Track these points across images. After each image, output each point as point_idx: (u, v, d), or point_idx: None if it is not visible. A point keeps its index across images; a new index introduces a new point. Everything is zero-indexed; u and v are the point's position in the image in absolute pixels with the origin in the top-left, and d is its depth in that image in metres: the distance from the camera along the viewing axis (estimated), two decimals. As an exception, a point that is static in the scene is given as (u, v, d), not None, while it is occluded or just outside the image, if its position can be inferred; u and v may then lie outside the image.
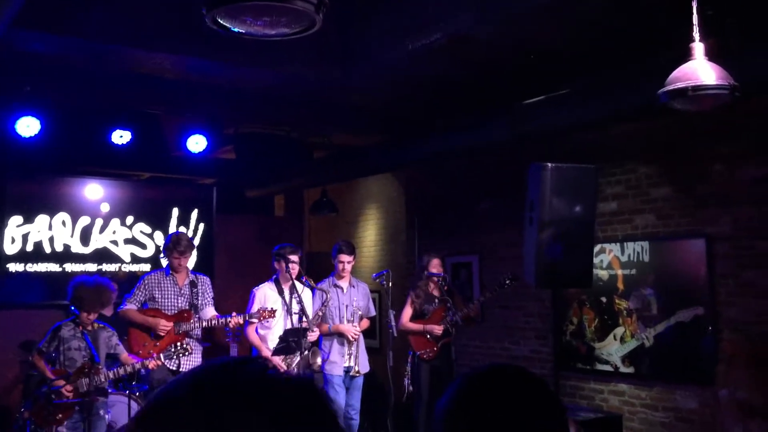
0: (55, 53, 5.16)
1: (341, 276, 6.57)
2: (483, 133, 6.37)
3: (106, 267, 8.36)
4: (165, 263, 6.33)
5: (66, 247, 8.18)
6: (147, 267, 8.39)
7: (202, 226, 9.02)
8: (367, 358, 6.65)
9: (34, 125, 6.74)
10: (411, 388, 6.59)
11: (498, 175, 7.58)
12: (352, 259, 6.61)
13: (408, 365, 6.69)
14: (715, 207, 5.78)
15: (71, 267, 8.13)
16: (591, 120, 5.57)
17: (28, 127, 6.73)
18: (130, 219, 8.58)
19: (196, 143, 7.81)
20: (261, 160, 8.61)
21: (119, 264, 8.49)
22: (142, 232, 8.66)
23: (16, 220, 7.92)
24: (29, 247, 7.97)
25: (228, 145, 8.61)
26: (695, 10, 3.59)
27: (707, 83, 3.49)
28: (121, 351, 5.58)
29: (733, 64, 3.72)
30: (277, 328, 6.11)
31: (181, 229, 8.66)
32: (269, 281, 6.31)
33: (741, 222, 5.61)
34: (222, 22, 2.50)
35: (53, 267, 8.09)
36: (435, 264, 6.69)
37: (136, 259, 8.59)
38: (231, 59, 5.26)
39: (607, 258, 6.54)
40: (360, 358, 6.46)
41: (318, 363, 6.10)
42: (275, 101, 6.74)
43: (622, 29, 4.86)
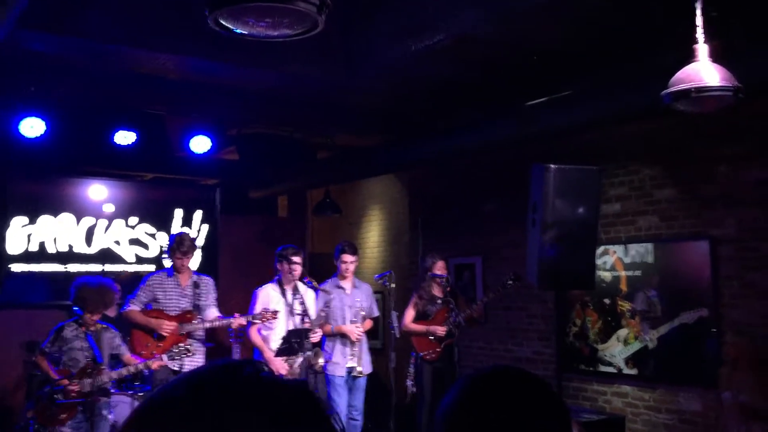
0: (59, 54, 5.18)
1: (344, 277, 6.56)
2: (486, 134, 6.36)
3: (109, 267, 8.36)
4: (168, 264, 6.33)
5: (70, 248, 8.19)
6: (150, 267, 8.39)
7: (205, 226, 9.02)
8: (370, 358, 6.64)
9: (38, 126, 6.76)
10: (414, 389, 6.58)
11: (501, 176, 7.57)
12: (355, 260, 6.61)
13: (411, 366, 6.68)
14: (719, 208, 5.76)
15: (75, 267, 8.14)
16: (595, 121, 5.57)
17: (32, 128, 6.75)
18: (133, 219, 8.59)
19: (199, 144, 7.83)
20: (264, 160, 8.63)
21: (123, 264, 8.50)
22: (145, 232, 8.67)
23: (20, 220, 7.94)
24: (33, 248, 7.97)
25: (231, 146, 8.62)
26: (699, 11, 3.59)
27: (711, 85, 3.48)
28: (124, 351, 5.58)
29: (737, 65, 3.72)
30: (280, 328, 6.11)
31: (185, 230, 8.65)
32: (272, 282, 6.31)
33: (745, 223, 5.59)
34: (224, 23, 2.50)
35: (57, 267, 8.10)
36: (439, 266, 6.68)
37: (139, 260, 8.60)
38: (234, 60, 5.26)
39: (611, 259, 6.53)
40: (363, 359, 6.46)
41: (320, 363, 6.09)
42: (278, 102, 6.74)
43: (625, 30, 4.86)
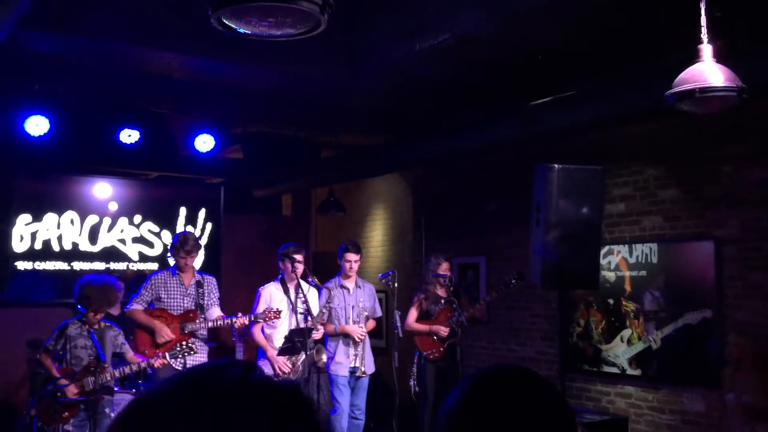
0: (63, 53, 5.19)
1: (348, 276, 6.56)
2: (490, 134, 6.35)
3: (113, 266, 8.38)
4: (172, 262, 6.34)
5: (74, 246, 8.20)
6: (154, 266, 8.40)
7: (209, 225, 9.03)
8: (373, 358, 6.65)
9: (42, 124, 6.78)
10: (416, 388, 6.58)
11: (505, 176, 7.56)
12: (358, 259, 6.61)
13: (414, 366, 6.69)
14: (723, 209, 5.75)
15: (79, 265, 8.16)
16: (598, 121, 5.56)
17: (37, 126, 6.77)
18: (137, 218, 8.60)
19: (203, 143, 7.84)
20: (268, 159, 8.64)
21: (127, 263, 8.51)
22: (149, 231, 8.68)
23: (24, 218, 7.95)
24: (38, 246, 7.99)
25: (235, 145, 8.64)
26: (703, 11, 3.57)
27: (715, 85, 3.47)
28: (127, 350, 5.60)
29: (742, 66, 3.70)
30: (283, 327, 6.12)
31: (189, 229, 8.67)
32: (275, 281, 6.32)
33: (749, 224, 5.58)
34: (227, 22, 2.50)
35: (61, 265, 8.12)
36: (444, 268, 6.67)
37: (143, 258, 8.61)
38: (238, 59, 5.27)
39: (615, 260, 6.51)
40: (366, 358, 6.46)
41: (323, 360, 6.10)
42: (282, 101, 6.75)
43: (629, 30, 4.85)
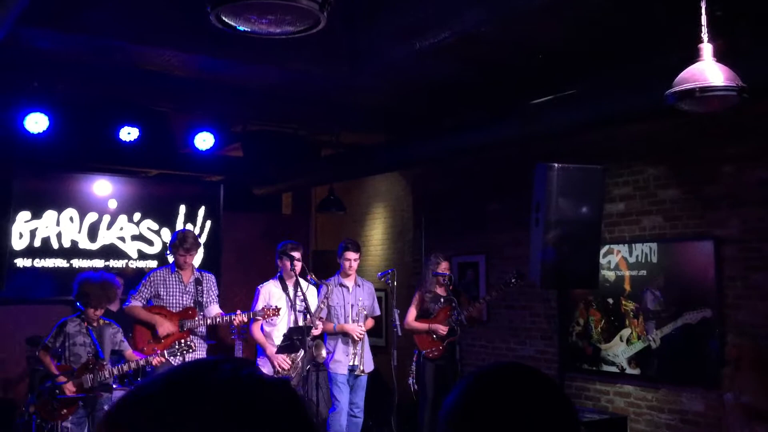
0: (63, 50, 5.18)
1: (347, 274, 6.57)
2: (490, 133, 6.35)
3: (113, 263, 8.38)
4: (171, 260, 6.34)
5: (73, 243, 8.20)
6: (154, 264, 8.40)
7: (209, 223, 9.03)
8: (372, 357, 6.65)
9: (42, 121, 6.77)
10: (415, 386, 6.59)
11: (505, 175, 7.55)
12: (357, 257, 6.61)
13: (413, 364, 6.69)
14: (723, 209, 5.74)
15: (78, 263, 8.16)
16: (599, 120, 5.55)
17: (36, 124, 6.76)
18: (137, 215, 8.59)
19: (203, 140, 7.83)
20: (268, 157, 8.62)
21: (126, 260, 8.51)
22: (149, 228, 8.68)
23: (24, 215, 7.95)
24: (37, 243, 7.99)
25: (235, 143, 8.63)
26: (704, 10, 3.57)
27: (715, 84, 3.46)
28: (126, 347, 5.59)
29: (742, 65, 3.70)
30: (282, 325, 6.14)
31: (188, 226, 8.67)
32: (273, 279, 6.33)
33: (749, 224, 5.57)
34: (226, 20, 2.49)
35: (60, 263, 8.12)
36: (443, 266, 6.68)
37: (143, 256, 8.61)
38: (239, 57, 5.26)
39: (615, 259, 6.51)
40: (365, 357, 6.47)
41: (323, 355, 6.10)
42: (282, 99, 6.74)
43: (629, 29, 4.84)
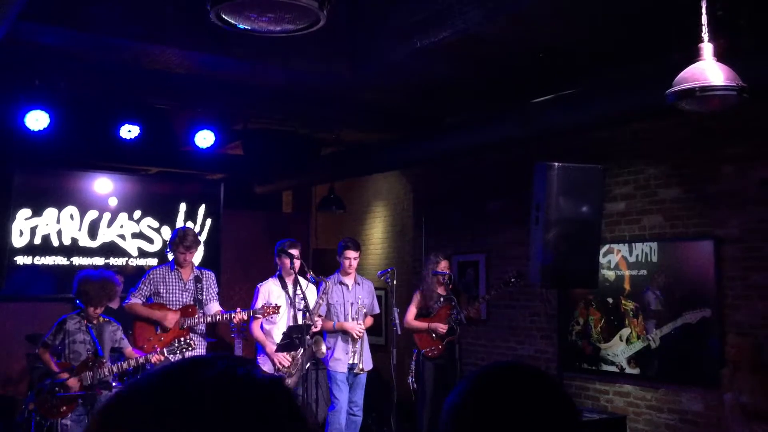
0: (64, 47, 5.18)
1: (347, 273, 6.57)
2: (491, 132, 6.35)
3: (113, 261, 8.38)
4: (171, 258, 6.33)
5: (74, 241, 8.21)
6: (154, 261, 8.41)
7: (209, 221, 9.03)
8: (371, 355, 6.65)
9: (43, 119, 6.77)
10: (415, 385, 6.59)
11: (505, 174, 7.55)
12: (357, 256, 6.61)
13: (412, 363, 6.69)
14: (724, 208, 5.74)
15: (79, 260, 8.17)
16: (599, 119, 5.55)
17: (37, 121, 6.76)
18: (137, 213, 8.60)
19: (204, 139, 7.83)
20: (269, 156, 8.62)
21: (126, 258, 8.52)
22: (149, 226, 8.68)
23: (24, 213, 7.96)
24: (37, 240, 8.00)
25: (236, 141, 8.63)
26: (704, 10, 3.56)
27: (715, 84, 3.46)
28: (126, 345, 5.59)
29: (742, 65, 3.69)
30: (282, 323, 6.14)
31: (189, 224, 8.67)
32: (273, 277, 6.34)
33: (750, 224, 5.57)
34: (226, 18, 2.49)
35: (61, 260, 8.12)
36: (443, 265, 6.68)
37: (143, 254, 8.61)
38: (240, 55, 5.26)
39: (615, 258, 6.51)
40: (364, 355, 6.46)
41: (322, 351, 6.10)
42: (283, 98, 6.74)
43: (630, 29, 4.84)
